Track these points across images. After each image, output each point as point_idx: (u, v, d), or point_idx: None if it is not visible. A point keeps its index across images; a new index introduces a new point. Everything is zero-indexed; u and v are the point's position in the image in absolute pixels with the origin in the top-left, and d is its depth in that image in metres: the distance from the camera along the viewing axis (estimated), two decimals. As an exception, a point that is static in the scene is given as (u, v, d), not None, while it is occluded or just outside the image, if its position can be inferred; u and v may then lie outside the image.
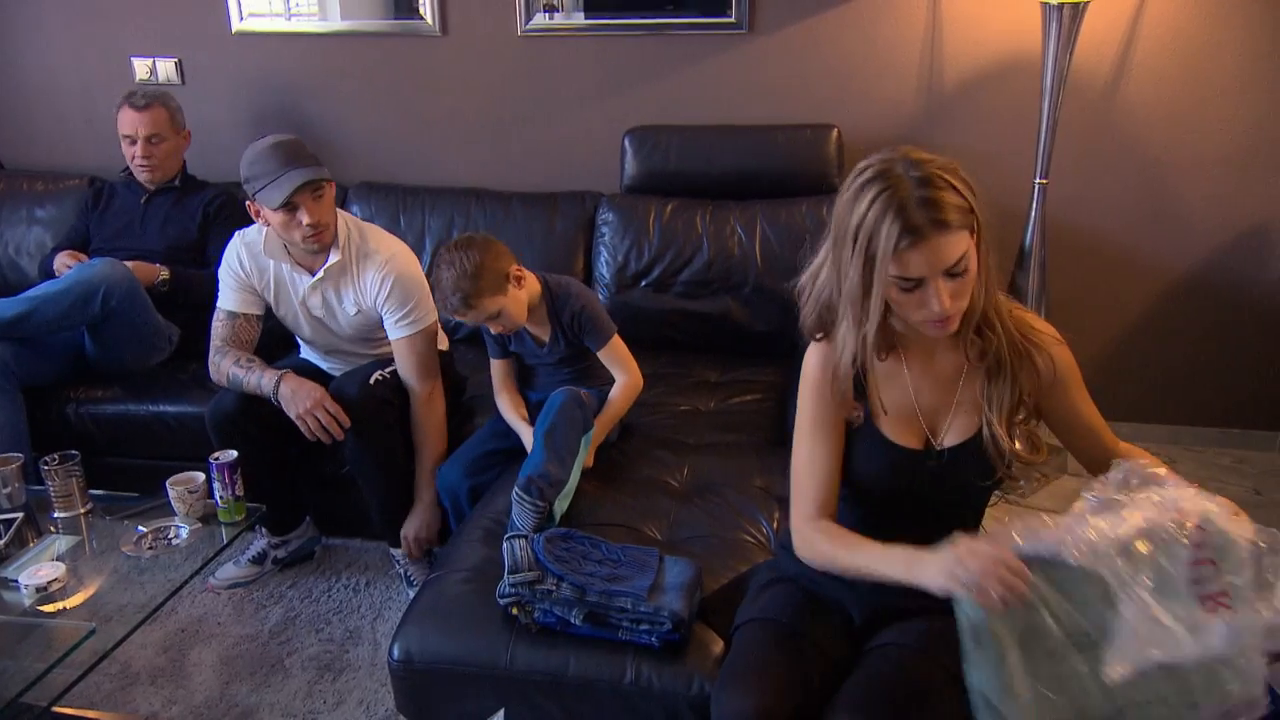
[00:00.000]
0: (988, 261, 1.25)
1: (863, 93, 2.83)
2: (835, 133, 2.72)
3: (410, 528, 2.28)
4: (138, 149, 2.68)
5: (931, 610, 1.34)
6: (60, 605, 1.75)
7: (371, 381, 2.22)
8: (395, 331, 2.26)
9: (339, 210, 2.26)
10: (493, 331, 2.10)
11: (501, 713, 1.48)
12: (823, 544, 1.34)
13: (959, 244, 1.18)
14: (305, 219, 2.10)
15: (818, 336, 1.37)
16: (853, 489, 1.41)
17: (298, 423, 2.14)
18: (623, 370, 2.18)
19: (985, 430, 1.32)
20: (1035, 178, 2.61)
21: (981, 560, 1.11)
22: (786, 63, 2.84)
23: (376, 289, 2.23)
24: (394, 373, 2.28)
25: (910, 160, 1.20)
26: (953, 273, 1.20)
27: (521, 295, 2.08)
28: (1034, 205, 2.63)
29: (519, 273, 2.07)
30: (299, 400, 2.14)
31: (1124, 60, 2.69)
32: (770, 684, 1.27)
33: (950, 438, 1.36)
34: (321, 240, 2.17)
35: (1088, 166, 2.79)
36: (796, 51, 2.82)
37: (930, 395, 1.37)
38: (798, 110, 2.84)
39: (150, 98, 2.67)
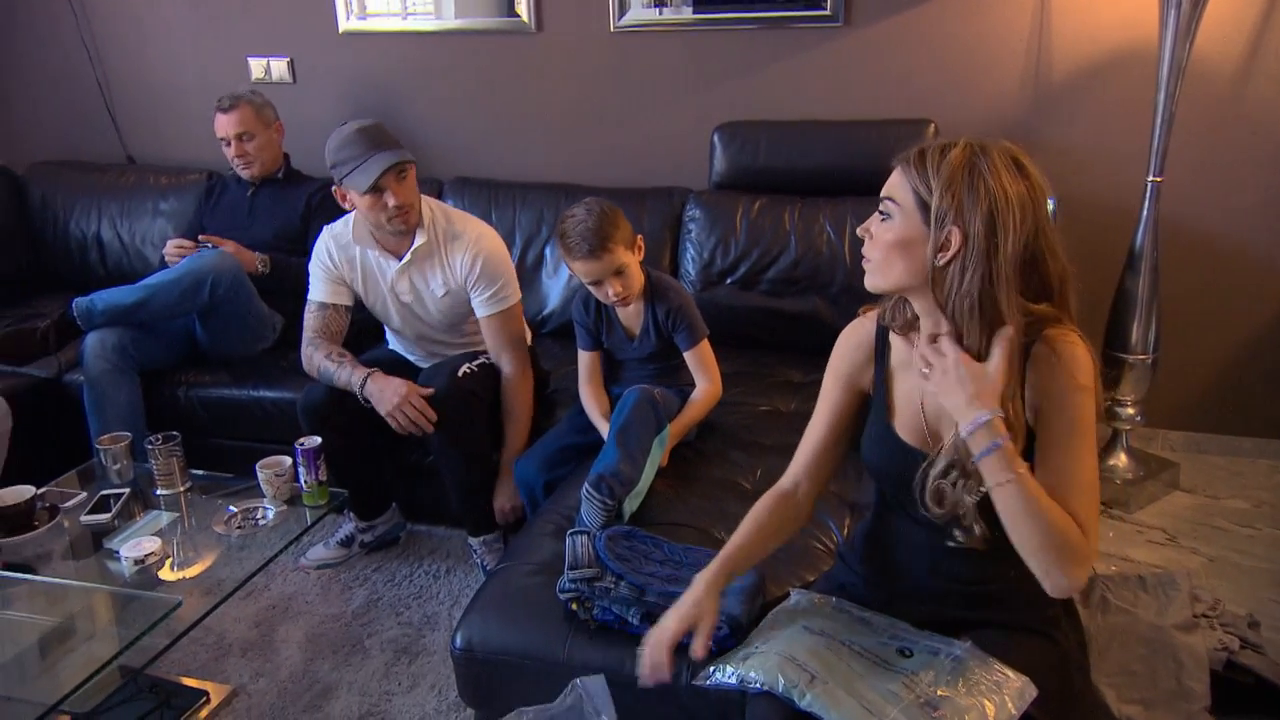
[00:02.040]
0: (964, 282, 1.19)
1: (962, 86, 2.72)
2: (932, 128, 2.63)
3: (499, 500, 2.33)
4: (232, 149, 2.81)
5: (983, 624, 1.30)
6: (171, 576, 1.87)
7: (460, 374, 2.26)
8: (484, 309, 2.31)
9: (423, 196, 2.32)
10: (611, 293, 2.06)
11: (601, 679, 1.48)
12: (752, 510, 1.47)
13: (893, 188, 1.25)
14: (391, 201, 2.17)
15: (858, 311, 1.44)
16: (873, 476, 1.44)
17: (388, 419, 2.20)
18: (705, 376, 2.17)
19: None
20: (1148, 175, 2.45)
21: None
22: (882, 56, 2.76)
23: (466, 269, 2.28)
24: (481, 365, 2.32)
25: (997, 144, 1.21)
26: (880, 209, 1.27)
27: (640, 267, 2.11)
28: (1146, 204, 2.48)
29: (641, 243, 2.11)
30: (386, 397, 2.19)
31: (1254, 50, 2.51)
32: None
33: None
34: (407, 221, 2.23)
35: (1207, 163, 2.61)
36: (893, 44, 2.74)
37: (938, 402, 1.31)
38: (893, 105, 2.75)
39: (235, 98, 2.80)
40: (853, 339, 1.45)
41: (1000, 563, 1.27)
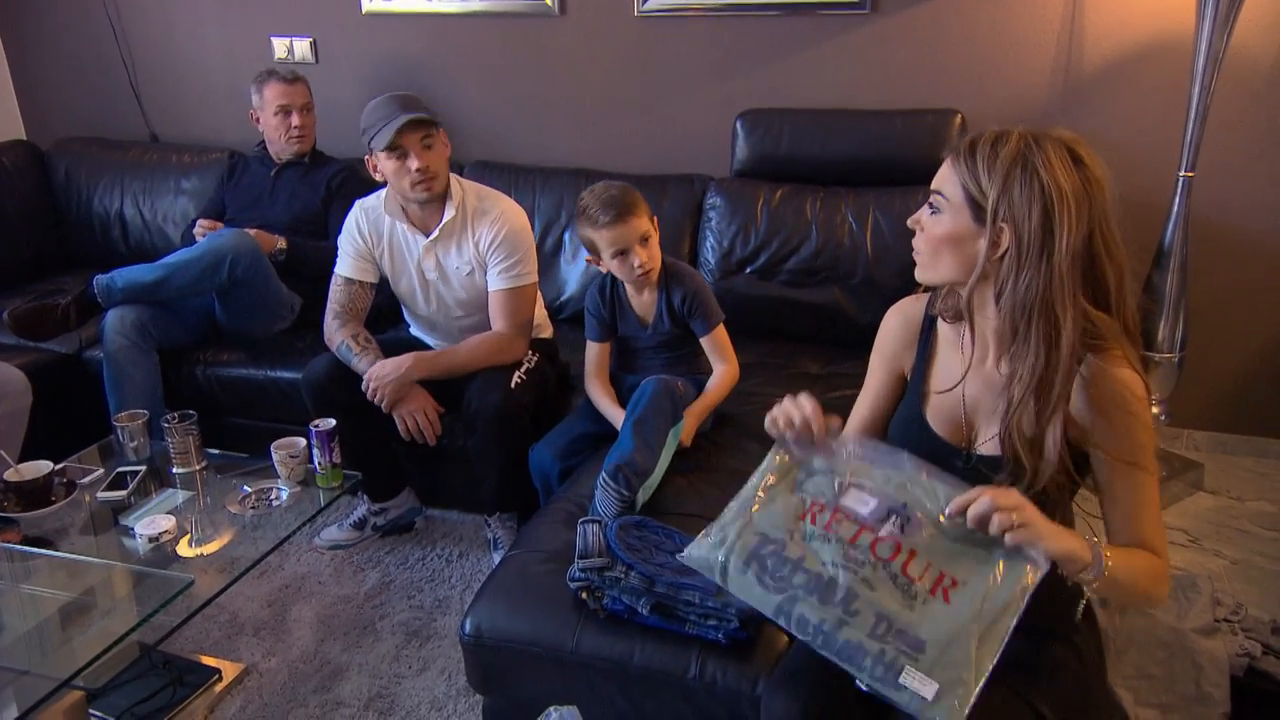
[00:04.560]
0: (1018, 286, 1.16)
1: (991, 76, 2.67)
2: (958, 118, 2.58)
3: (406, 409, 2.24)
4: (294, 119, 2.82)
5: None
6: (185, 554, 1.88)
7: (514, 386, 2.23)
8: (496, 281, 2.29)
9: (455, 175, 2.32)
10: (637, 263, 2.05)
11: (575, 709, 1.48)
12: None
13: (943, 179, 1.22)
14: (415, 164, 2.17)
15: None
16: None
17: (397, 419, 2.22)
18: (723, 359, 2.15)
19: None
20: (1179, 170, 2.40)
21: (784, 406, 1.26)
22: (909, 44, 2.71)
23: (488, 239, 2.28)
24: (529, 372, 2.30)
25: (1043, 133, 1.18)
26: (931, 202, 1.24)
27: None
28: (1177, 200, 2.42)
29: (657, 224, 2.12)
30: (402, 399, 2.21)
31: (1294, 42, 2.45)
32: (821, 689, 1.22)
33: (987, 448, 1.29)
34: (431, 189, 2.22)
35: (1241, 159, 2.55)
36: (920, 32, 2.69)
37: (978, 393, 1.30)
38: (919, 94, 2.71)
39: (294, 72, 2.85)
40: (899, 318, 1.43)
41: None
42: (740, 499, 1.27)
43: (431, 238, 2.29)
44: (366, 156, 2.26)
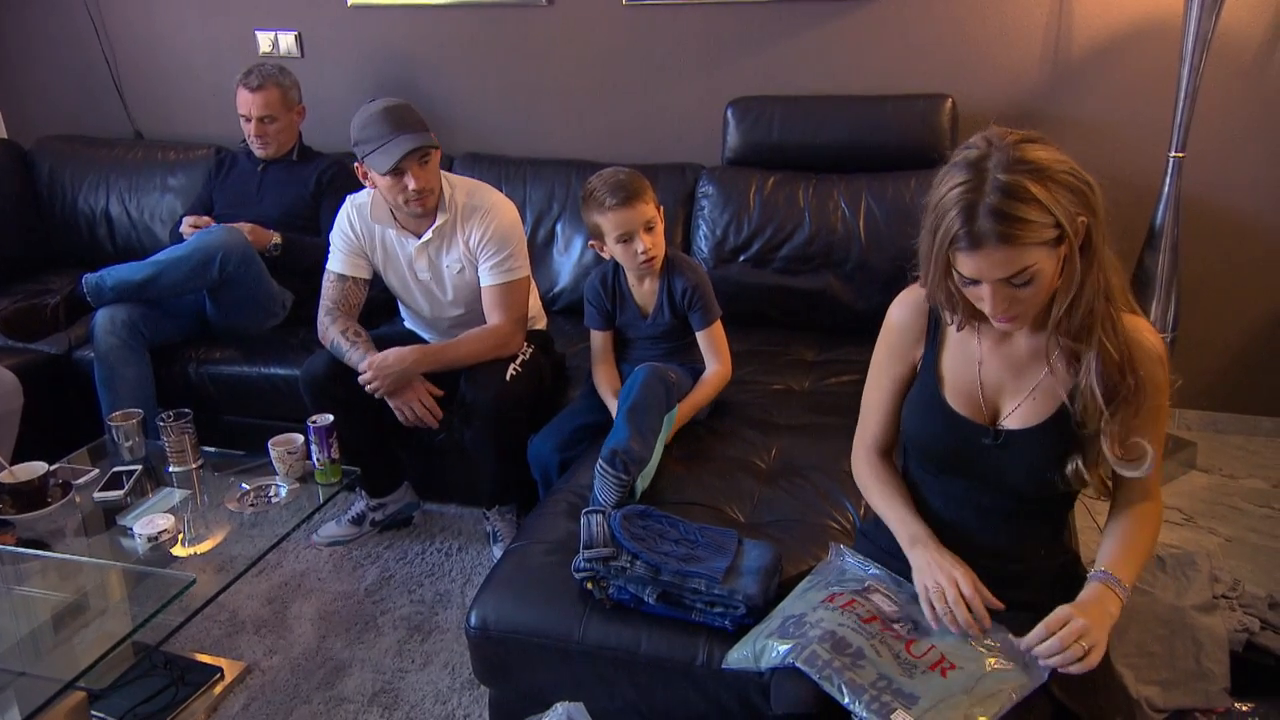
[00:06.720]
0: (1096, 270, 1.19)
1: (981, 60, 2.67)
2: (949, 103, 2.58)
3: (404, 399, 2.23)
4: (251, 128, 2.77)
5: (1010, 605, 1.31)
6: (183, 553, 1.87)
7: (508, 378, 2.23)
8: (488, 277, 2.27)
9: (444, 173, 2.29)
10: (641, 249, 2.05)
11: (581, 706, 1.47)
12: (866, 475, 1.49)
13: (1021, 259, 1.15)
14: (412, 184, 2.14)
15: (914, 275, 1.36)
16: (915, 447, 1.43)
17: (395, 410, 2.21)
18: (716, 358, 2.16)
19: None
20: (1170, 151, 2.41)
21: (947, 600, 1.27)
22: (900, 29, 2.71)
23: (478, 235, 2.26)
24: (524, 364, 2.29)
25: (1010, 156, 1.14)
26: (1012, 282, 1.18)
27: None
28: (1167, 180, 2.44)
29: (662, 213, 2.13)
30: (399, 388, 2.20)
31: (1280, 22, 2.46)
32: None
33: (1013, 421, 1.31)
34: (425, 205, 2.21)
35: (1230, 139, 2.57)
36: (911, 17, 2.69)
37: (997, 373, 1.33)
38: (910, 80, 2.71)
39: (265, 78, 2.75)
40: (906, 309, 1.43)
41: (1032, 537, 1.35)
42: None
43: (423, 240, 2.28)
44: (357, 164, 2.21)
